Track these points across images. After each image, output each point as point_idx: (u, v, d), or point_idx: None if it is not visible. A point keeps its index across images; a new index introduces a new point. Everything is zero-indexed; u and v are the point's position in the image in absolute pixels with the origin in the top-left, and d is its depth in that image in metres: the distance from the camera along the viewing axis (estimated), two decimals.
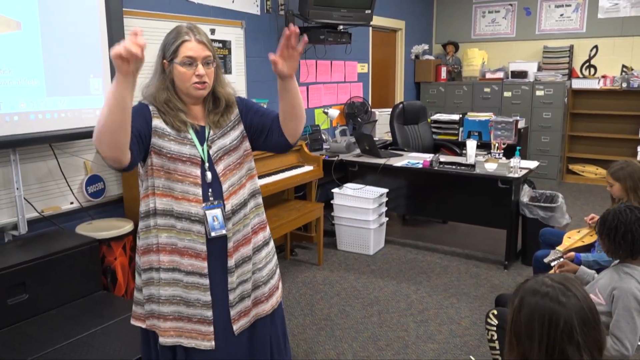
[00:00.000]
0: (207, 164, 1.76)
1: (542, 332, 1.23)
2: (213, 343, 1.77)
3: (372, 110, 5.84)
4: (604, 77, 6.68)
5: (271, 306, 1.92)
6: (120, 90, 1.45)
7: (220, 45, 4.09)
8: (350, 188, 4.41)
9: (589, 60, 6.85)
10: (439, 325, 3.15)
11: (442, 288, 3.68)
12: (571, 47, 6.82)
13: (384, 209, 4.43)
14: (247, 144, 1.88)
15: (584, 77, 6.86)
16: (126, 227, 3.15)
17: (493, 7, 7.36)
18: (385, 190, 4.39)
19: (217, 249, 1.77)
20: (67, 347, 2.34)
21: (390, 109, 5.44)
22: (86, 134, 2.99)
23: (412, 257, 4.28)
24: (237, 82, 4.22)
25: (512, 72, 6.93)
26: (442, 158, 4.45)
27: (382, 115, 5.86)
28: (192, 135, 1.75)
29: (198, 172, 1.74)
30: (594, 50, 6.79)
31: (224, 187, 1.78)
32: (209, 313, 1.77)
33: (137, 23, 3.38)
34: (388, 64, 6.91)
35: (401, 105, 5.34)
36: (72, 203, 3.20)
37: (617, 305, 1.95)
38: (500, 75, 7.02)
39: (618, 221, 2.04)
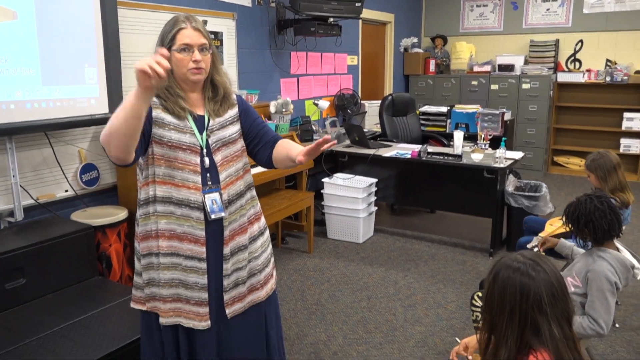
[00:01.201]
0: (205, 150, 1.82)
1: (513, 304, 1.32)
2: (208, 323, 1.85)
3: (362, 102, 5.92)
4: (588, 71, 6.81)
5: (266, 293, 2.00)
6: (139, 102, 1.53)
7: (212, 36, 4.13)
8: (340, 178, 4.49)
9: (574, 54, 6.99)
10: (426, 309, 3.26)
11: (430, 274, 3.79)
12: (557, 41, 6.94)
13: (373, 198, 4.53)
14: (242, 142, 1.96)
15: (569, 70, 6.99)
16: (121, 214, 3.21)
17: (481, 1, 7.46)
18: (375, 180, 4.48)
19: (215, 235, 1.85)
20: (65, 329, 2.41)
21: (380, 101, 5.53)
22: (81, 123, 3.04)
23: (400, 245, 4.39)
24: (228, 73, 4.27)
25: (499, 65, 7.05)
26: (430, 149, 4.54)
27: (372, 107, 5.94)
28: (191, 123, 1.81)
29: (198, 160, 1.80)
30: (579, 44, 6.92)
31: (222, 176, 1.85)
32: (206, 295, 1.84)
33: (131, 14, 3.43)
34: (377, 56, 6.99)
35: (390, 97, 5.43)
36: (66, 191, 3.25)
37: (591, 287, 2.05)
38: (488, 68, 7.13)
39: (579, 211, 2.14)
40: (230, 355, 1.92)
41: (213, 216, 1.80)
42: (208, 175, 1.82)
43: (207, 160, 1.82)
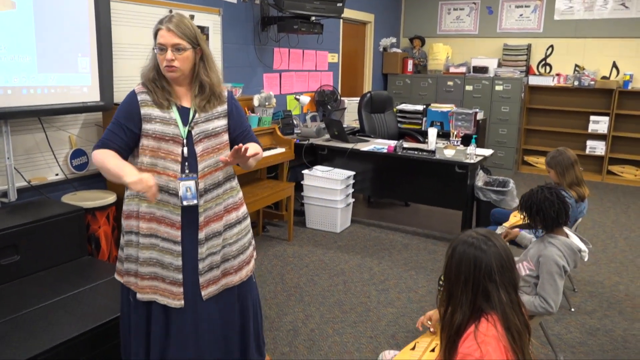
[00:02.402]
0: (185, 141, 1.97)
1: (468, 274, 1.53)
2: (182, 302, 2.01)
3: (341, 98, 6.13)
4: (558, 75, 7.14)
5: (239, 279, 2.14)
6: (121, 181, 1.83)
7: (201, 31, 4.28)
8: (319, 170, 4.68)
9: (545, 59, 7.31)
10: (398, 293, 3.48)
11: (402, 262, 4.01)
12: (529, 45, 7.25)
13: (351, 190, 4.74)
14: (227, 136, 2.11)
15: (540, 74, 7.31)
16: (109, 198, 3.35)
17: (458, 5, 7.73)
18: (352, 173, 4.69)
19: (191, 221, 2.00)
20: (58, 302, 2.55)
21: (359, 98, 5.73)
22: (74, 110, 3.17)
23: (375, 235, 4.61)
24: (219, 72, 4.42)
25: (474, 67, 7.33)
26: (405, 144, 4.77)
27: (351, 104, 6.15)
28: (175, 114, 1.97)
29: (179, 150, 1.96)
30: (550, 49, 7.24)
31: (200, 166, 1.99)
32: (180, 276, 2.01)
33: (122, 7, 3.57)
34: (357, 55, 7.20)
35: (369, 95, 5.64)
36: (57, 175, 3.37)
37: (542, 270, 2.27)
38: (463, 69, 7.40)
39: (531, 201, 2.37)
40: (204, 334, 2.07)
41: (185, 203, 1.96)
42: (187, 164, 1.97)
43: (186, 150, 1.97)
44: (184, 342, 2.05)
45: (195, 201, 1.97)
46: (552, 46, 7.22)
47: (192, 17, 4.19)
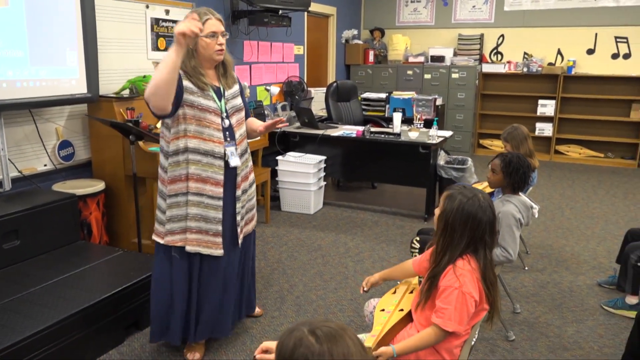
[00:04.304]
0: (224, 114, 2.37)
1: (467, 227, 1.77)
2: (222, 251, 2.41)
3: (308, 88, 6.40)
4: (509, 62, 7.62)
5: (252, 226, 2.66)
6: (177, 57, 2.05)
7: (174, 24, 4.47)
8: (292, 156, 4.96)
9: (496, 48, 7.78)
10: (372, 263, 3.80)
11: (374, 237, 4.34)
12: (482, 35, 7.71)
13: (323, 174, 5.03)
14: (244, 111, 2.55)
15: (493, 62, 7.78)
16: (99, 185, 3.53)
17: None
18: (324, 158, 4.98)
19: (229, 180, 2.39)
20: (63, 280, 2.75)
21: (324, 88, 6.02)
22: (63, 101, 3.34)
23: (347, 215, 4.92)
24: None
25: (431, 56, 7.74)
26: (373, 129, 5.09)
27: (317, 94, 6.43)
28: (212, 93, 2.33)
29: (219, 121, 2.35)
30: (501, 38, 7.72)
31: (236, 135, 2.43)
32: (220, 228, 2.38)
33: (106, 3, 3.73)
34: (321, 46, 7.48)
35: (335, 84, 5.94)
36: (45, 165, 3.53)
37: (501, 224, 2.62)
38: (421, 59, 7.80)
39: (518, 164, 2.71)
40: (231, 277, 2.49)
41: (232, 164, 2.37)
42: (227, 133, 2.39)
43: (227, 121, 2.39)
44: (215, 286, 2.44)
45: (238, 163, 2.41)
46: (502, 35, 7.69)
47: (167, 11, 4.38)
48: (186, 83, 2.26)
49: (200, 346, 2.57)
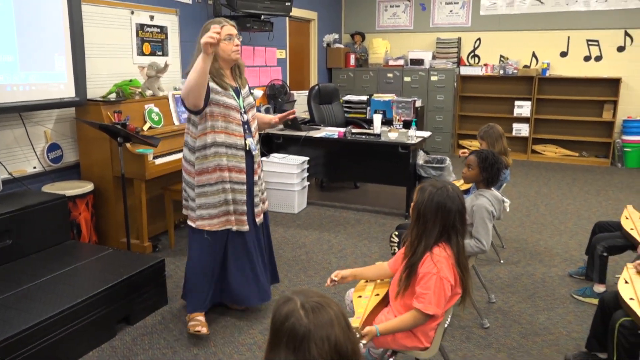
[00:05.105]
0: (242, 110, 2.73)
1: (439, 216, 1.92)
2: (247, 227, 2.81)
3: (291, 91, 6.54)
4: (485, 65, 7.85)
5: (267, 205, 3.07)
6: (206, 64, 2.37)
7: (159, 30, 4.58)
8: (276, 157, 5.08)
9: (473, 51, 8.00)
10: (355, 258, 3.94)
11: (356, 234, 4.49)
12: (459, 39, 7.92)
13: (306, 174, 5.16)
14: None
15: (470, 65, 8.00)
16: (87, 186, 3.62)
17: (394, 2, 8.31)
18: (307, 158, 5.12)
19: (248, 167, 2.77)
20: (57, 277, 2.84)
21: (306, 91, 6.17)
22: (52, 105, 3.43)
23: (330, 214, 5.06)
24: (173, 63, 4.73)
25: (410, 60, 7.93)
26: (354, 130, 5.24)
27: (300, 97, 6.58)
28: (232, 92, 2.68)
29: (239, 116, 2.72)
30: (478, 42, 7.94)
31: (252, 128, 2.82)
32: (245, 208, 2.78)
33: (93, 9, 3.83)
34: (303, 50, 7.63)
35: (317, 87, 6.08)
36: (34, 167, 3.61)
37: (475, 217, 2.78)
38: (401, 62, 7.99)
39: (493, 159, 2.87)
40: (256, 250, 2.92)
41: (254, 152, 2.79)
42: (246, 126, 2.76)
43: (245, 116, 2.75)
44: (243, 258, 2.86)
45: (257, 151, 2.83)
46: (479, 39, 7.92)
47: (151, 17, 4.48)
48: (212, 84, 2.60)
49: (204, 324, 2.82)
